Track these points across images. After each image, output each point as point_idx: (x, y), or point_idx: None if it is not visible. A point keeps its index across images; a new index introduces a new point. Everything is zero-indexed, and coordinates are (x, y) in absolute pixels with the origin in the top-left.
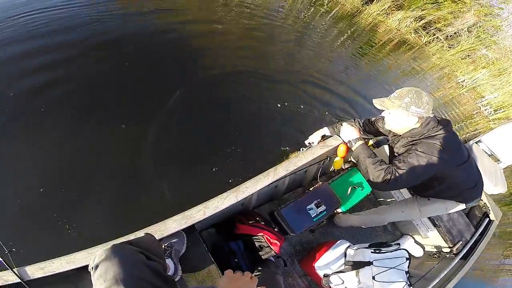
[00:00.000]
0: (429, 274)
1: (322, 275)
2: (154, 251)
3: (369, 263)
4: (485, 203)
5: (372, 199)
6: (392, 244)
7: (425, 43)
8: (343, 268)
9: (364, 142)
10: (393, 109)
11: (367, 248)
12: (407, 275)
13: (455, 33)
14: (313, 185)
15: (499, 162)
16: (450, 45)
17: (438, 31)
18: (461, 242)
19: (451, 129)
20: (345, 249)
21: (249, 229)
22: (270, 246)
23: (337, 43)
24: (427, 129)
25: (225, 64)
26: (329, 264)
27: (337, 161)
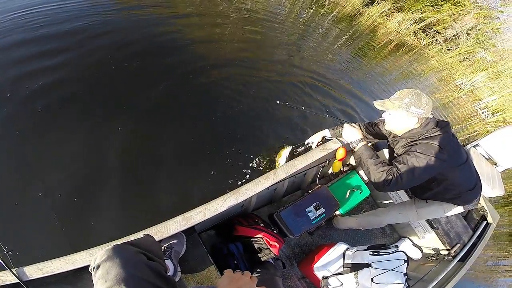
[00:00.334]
0: (427, 276)
1: (321, 277)
2: (154, 252)
3: (368, 265)
4: (482, 206)
5: (370, 202)
6: (390, 246)
7: (424, 45)
8: (341, 270)
9: (366, 142)
10: (393, 110)
11: (365, 250)
12: (406, 277)
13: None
14: (312, 187)
15: (496, 165)
16: (449, 48)
17: (437, 33)
18: (459, 244)
19: (450, 130)
20: (343, 251)
21: (249, 231)
22: (269, 248)
23: (337, 44)
24: (426, 130)
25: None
26: (328, 266)
27: (336, 163)
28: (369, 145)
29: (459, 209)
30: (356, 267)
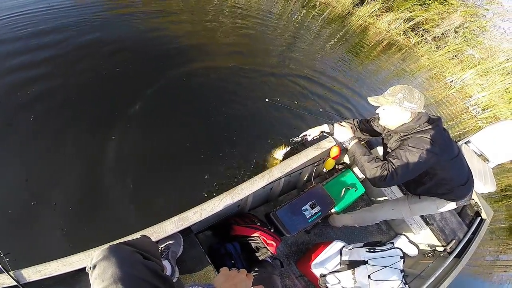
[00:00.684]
0: (424, 272)
1: (318, 275)
2: (151, 251)
3: (364, 262)
4: (476, 202)
5: (365, 199)
6: (386, 243)
7: (414, 44)
8: (339, 267)
9: (358, 140)
10: (387, 105)
11: (361, 247)
12: (402, 273)
13: (442, 34)
14: (308, 186)
15: (488, 162)
16: (438, 46)
17: (426, 32)
18: (454, 240)
19: (442, 124)
20: (340, 249)
21: (245, 230)
22: (266, 247)
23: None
24: (418, 124)
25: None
26: (325, 264)
27: (329, 161)
28: (362, 143)
29: (452, 205)
30: (353, 265)
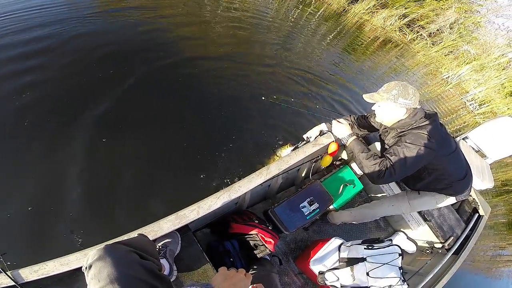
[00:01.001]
0: (423, 270)
1: (317, 272)
2: (148, 251)
3: (363, 259)
4: (474, 198)
5: (364, 196)
6: (384, 240)
7: (409, 40)
8: (337, 264)
9: (356, 137)
10: (382, 102)
11: (360, 244)
12: (401, 270)
13: (437, 30)
14: (306, 183)
15: (485, 158)
16: (433, 42)
17: (421, 28)
18: (452, 237)
19: (438, 120)
20: (338, 246)
21: (243, 228)
22: (264, 244)
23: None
24: (414, 120)
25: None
26: (324, 261)
27: (326, 158)
28: (360, 139)
29: (451, 200)
30: (351, 262)
